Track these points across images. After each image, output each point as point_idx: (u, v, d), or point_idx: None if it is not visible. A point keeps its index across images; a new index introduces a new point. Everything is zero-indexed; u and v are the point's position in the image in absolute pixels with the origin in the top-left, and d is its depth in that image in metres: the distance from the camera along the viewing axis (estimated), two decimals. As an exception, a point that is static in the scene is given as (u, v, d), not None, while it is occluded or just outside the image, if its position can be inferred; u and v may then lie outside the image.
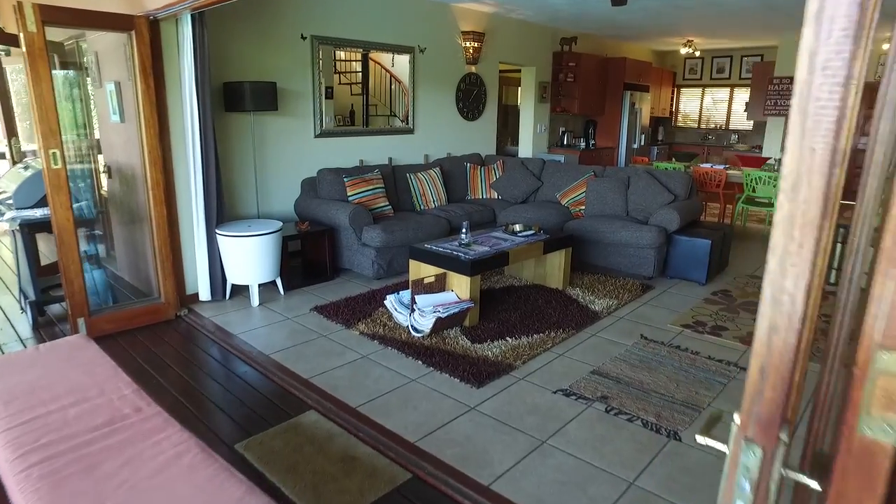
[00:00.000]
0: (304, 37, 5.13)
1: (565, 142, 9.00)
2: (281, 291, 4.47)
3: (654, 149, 10.54)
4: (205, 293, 4.21)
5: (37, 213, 3.61)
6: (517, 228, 4.52)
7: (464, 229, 4.08)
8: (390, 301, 3.84)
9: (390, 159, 6.16)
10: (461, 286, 3.78)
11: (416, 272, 4.07)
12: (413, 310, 3.66)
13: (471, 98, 7.00)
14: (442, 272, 3.87)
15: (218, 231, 4.11)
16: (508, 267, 5.00)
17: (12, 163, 5.61)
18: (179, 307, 4.02)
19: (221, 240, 4.10)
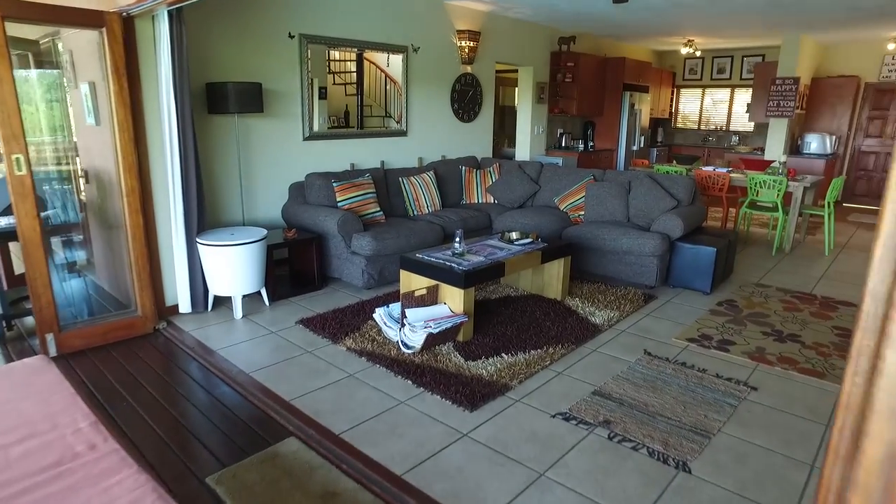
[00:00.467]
0: (292, 35, 4.93)
1: (563, 144, 8.80)
2: (266, 302, 4.26)
3: (654, 151, 10.35)
4: (185, 305, 4.00)
5: (1, 223, 3.40)
6: (514, 237, 4.32)
7: (457, 238, 3.88)
8: (379, 315, 3.64)
9: (382, 163, 5.95)
10: (454, 299, 3.58)
11: (407, 283, 3.87)
12: (403, 324, 3.45)
13: (466, 99, 6.80)
14: (434, 284, 3.66)
15: (199, 240, 3.90)
16: (505, 277, 4.79)
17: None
18: (158, 320, 3.81)
19: (202, 249, 3.89)
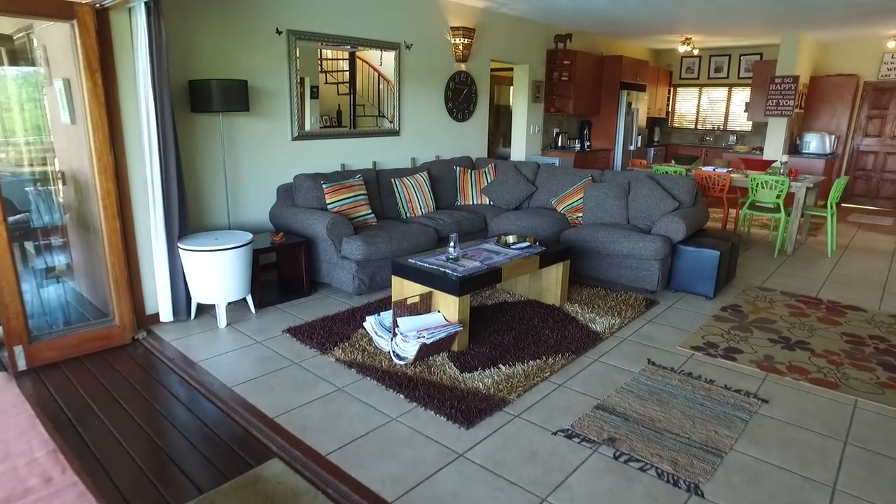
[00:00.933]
0: (280, 31, 4.74)
1: (560, 143, 8.64)
2: (252, 310, 4.07)
3: (651, 150, 10.21)
4: (166, 314, 3.81)
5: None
6: (510, 240, 4.15)
7: (452, 242, 3.71)
8: (370, 323, 3.46)
9: (374, 163, 5.77)
10: (449, 307, 3.40)
11: (399, 290, 3.69)
12: (395, 334, 3.28)
13: (461, 98, 6.63)
14: (427, 291, 3.49)
15: (180, 245, 3.71)
16: (502, 282, 4.62)
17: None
18: (137, 329, 3.62)
19: (184, 255, 3.70)
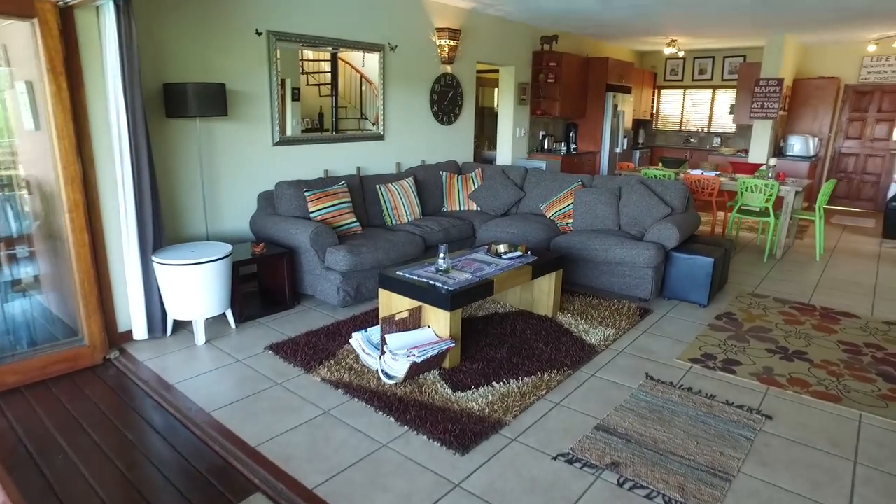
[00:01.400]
0: (259, 32, 4.55)
1: (546, 146, 8.54)
2: (232, 325, 3.88)
3: (636, 153, 10.16)
4: (140, 331, 3.60)
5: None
6: (501, 249, 4.01)
7: (441, 253, 3.56)
8: (357, 340, 3.29)
9: (359, 169, 5.60)
10: (439, 322, 3.25)
11: (387, 304, 3.53)
12: (383, 352, 3.12)
13: (446, 100, 6.48)
14: (417, 305, 3.33)
15: (155, 258, 3.51)
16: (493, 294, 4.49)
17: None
18: (108, 349, 3.41)
19: (159, 269, 3.50)
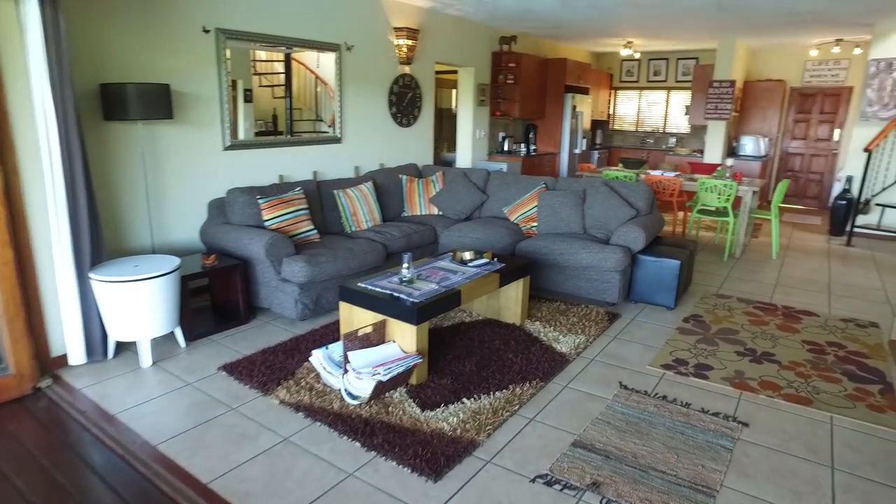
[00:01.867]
0: (207, 30, 4.28)
1: (506, 148, 8.47)
2: (181, 344, 3.60)
3: (595, 153, 10.22)
4: (77, 355, 3.29)
5: None
6: (467, 257, 3.87)
7: (405, 263, 3.39)
8: (317, 358, 3.09)
9: (315, 173, 5.37)
10: (405, 337, 3.08)
11: (349, 318, 3.34)
12: (346, 370, 2.92)
13: (405, 102, 6.31)
14: (381, 319, 3.15)
15: (93, 275, 3.21)
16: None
17: None
18: (39, 377, 3.10)
19: (97, 286, 3.21)
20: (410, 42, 6.03)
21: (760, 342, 3.89)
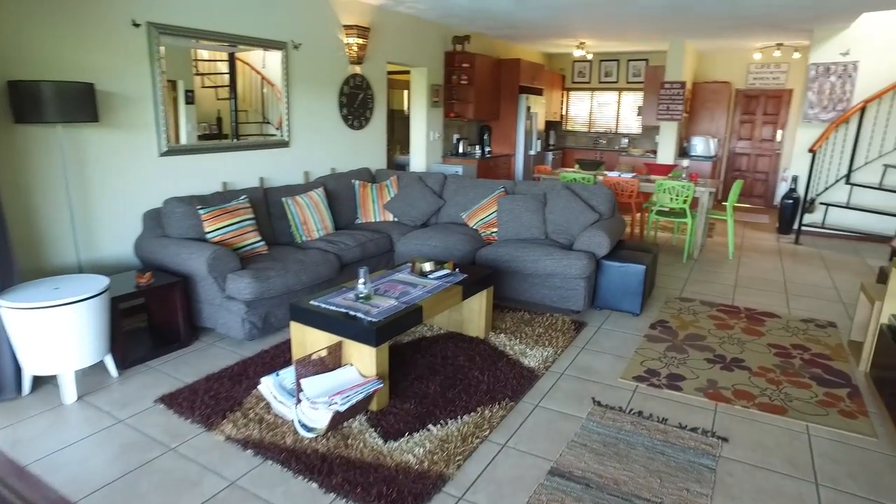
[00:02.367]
0: (137, 24, 3.90)
1: (460, 150, 8.28)
2: (112, 373, 3.23)
3: (549, 154, 10.17)
4: (-13, 392, 2.89)
5: None
6: (427, 268, 3.64)
7: (362, 277, 3.13)
8: (267, 387, 2.79)
9: (262, 180, 5.03)
10: (364, 359, 2.82)
11: (301, 340, 3.05)
12: (300, 399, 2.65)
13: (356, 103, 6.03)
14: (336, 341, 2.89)
15: (2, 301, 2.82)
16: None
17: None
18: (-59, 420, 2.69)
19: (6, 314, 2.82)
20: (361, 41, 5.76)
21: (728, 347, 3.81)
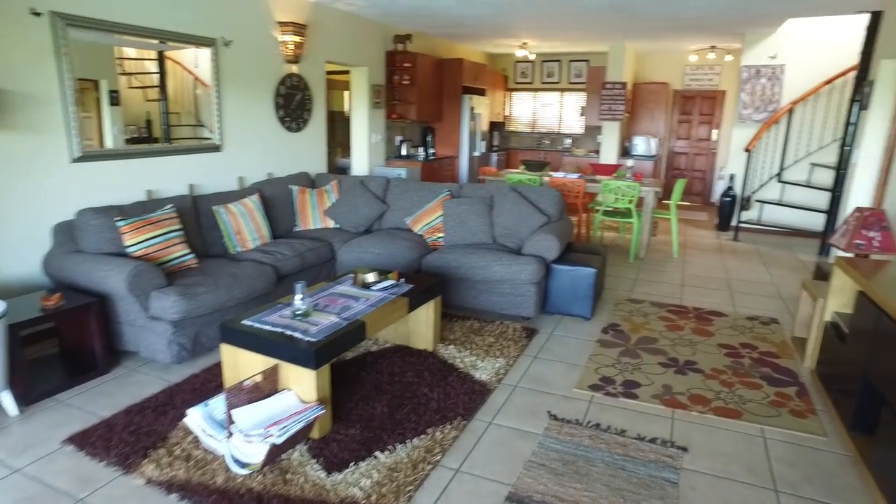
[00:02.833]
0: (38, 12, 3.50)
1: (404, 152, 8.07)
2: (11, 412, 2.84)
3: (494, 156, 10.09)
4: None
5: None
6: (370, 279, 3.42)
7: (299, 293, 2.88)
8: (195, 419, 2.51)
9: (191, 187, 4.67)
10: (303, 383, 2.58)
11: (233, 364, 2.78)
12: (232, 432, 2.38)
13: (293, 104, 5.73)
14: (272, 364, 2.64)
15: None
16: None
17: None
18: None
19: None
20: (297, 38, 5.47)
21: (680, 349, 3.78)
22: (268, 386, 2.60)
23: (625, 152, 9.63)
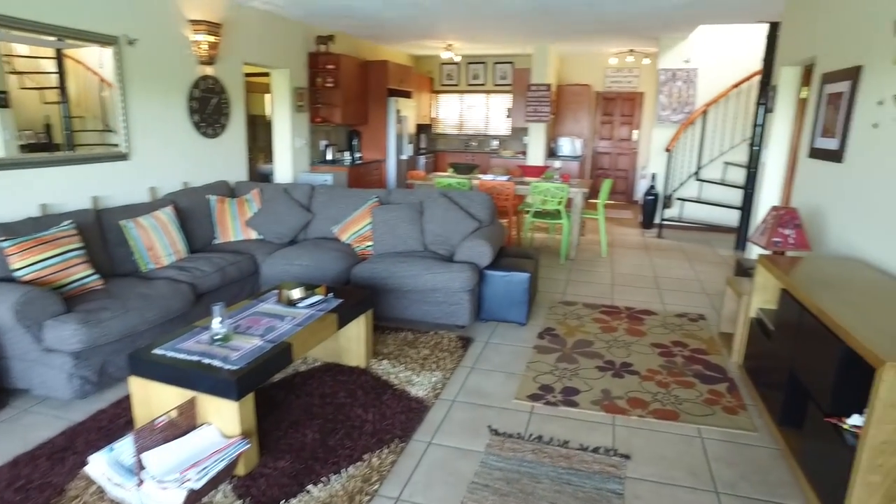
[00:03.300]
0: None
1: (329, 157, 7.81)
2: None
3: (422, 159, 9.98)
4: None
5: None
6: (295, 295, 3.21)
7: (217, 315, 2.64)
8: (98, 467, 2.22)
9: (95, 200, 4.26)
10: (224, 416, 2.35)
11: (144, 398, 2.51)
12: (142, 479, 2.13)
13: (209, 108, 5.37)
14: (189, 396, 2.39)
15: None
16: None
17: None
18: None
19: None
20: (212, 38, 5.13)
21: (616, 351, 3.79)
22: (185, 422, 2.35)
23: (551, 153, 9.77)
